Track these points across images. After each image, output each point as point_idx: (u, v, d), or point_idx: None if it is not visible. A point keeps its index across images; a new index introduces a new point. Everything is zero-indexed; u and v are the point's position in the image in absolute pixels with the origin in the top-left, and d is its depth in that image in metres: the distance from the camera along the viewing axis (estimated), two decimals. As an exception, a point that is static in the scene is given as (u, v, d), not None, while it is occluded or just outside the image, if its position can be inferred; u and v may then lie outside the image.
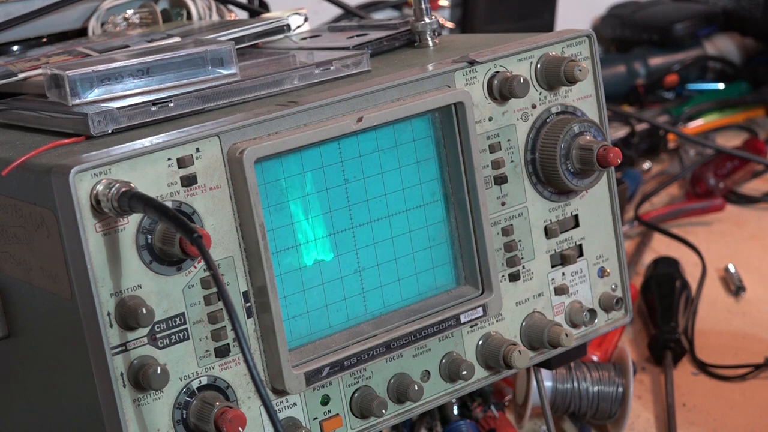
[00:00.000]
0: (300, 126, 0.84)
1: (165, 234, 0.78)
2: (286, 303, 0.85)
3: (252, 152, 0.81)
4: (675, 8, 1.95)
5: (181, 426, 0.81)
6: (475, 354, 0.94)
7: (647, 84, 1.84)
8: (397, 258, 0.90)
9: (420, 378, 0.91)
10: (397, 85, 0.88)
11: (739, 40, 1.92)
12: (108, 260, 0.77)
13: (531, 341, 0.95)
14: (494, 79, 0.92)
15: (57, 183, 0.76)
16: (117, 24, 1.17)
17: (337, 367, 0.86)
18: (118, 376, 0.78)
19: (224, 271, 0.82)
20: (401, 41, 1.02)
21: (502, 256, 0.93)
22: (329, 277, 0.87)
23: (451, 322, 0.91)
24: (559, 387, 1.12)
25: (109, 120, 0.83)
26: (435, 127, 0.91)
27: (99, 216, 0.77)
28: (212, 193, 0.81)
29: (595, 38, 0.96)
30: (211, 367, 0.82)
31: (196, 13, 1.20)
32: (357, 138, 0.87)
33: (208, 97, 0.87)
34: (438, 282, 0.92)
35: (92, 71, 0.86)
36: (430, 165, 0.91)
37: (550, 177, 0.94)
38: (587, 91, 0.97)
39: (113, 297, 0.78)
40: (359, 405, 0.88)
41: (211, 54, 0.89)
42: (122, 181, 0.76)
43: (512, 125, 0.93)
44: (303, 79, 0.91)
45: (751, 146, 1.69)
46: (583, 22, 2.02)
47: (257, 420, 0.84)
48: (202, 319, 0.81)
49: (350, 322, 0.88)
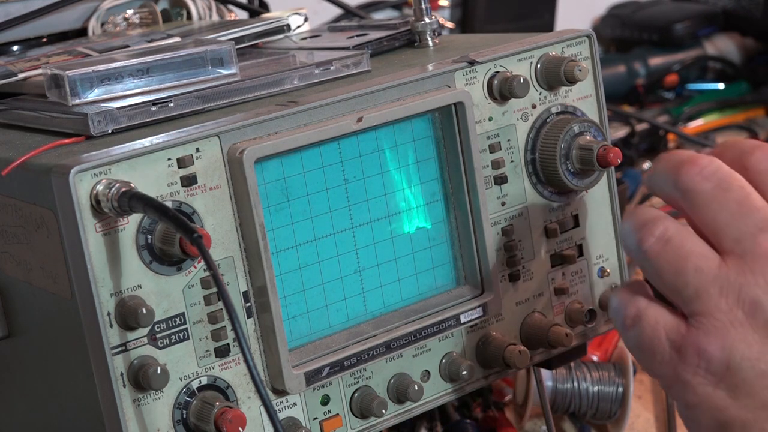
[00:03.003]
0: (300, 126, 0.84)
1: (165, 234, 0.78)
2: (286, 303, 0.85)
3: (252, 152, 0.81)
4: (675, 8, 1.95)
5: (181, 426, 0.81)
6: (475, 354, 0.94)
7: (647, 84, 1.84)
8: (397, 258, 0.90)
9: (420, 378, 0.91)
10: (397, 85, 0.88)
11: (739, 40, 1.92)
12: (108, 260, 0.77)
13: (531, 341, 0.95)
14: (494, 79, 0.92)
15: (57, 183, 0.76)
16: (117, 24, 1.17)
17: (337, 367, 0.86)
18: (118, 376, 0.78)
19: (224, 271, 0.82)
20: (401, 41, 1.02)
21: (502, 256, 0.93)
22: (329, 277, 0.87)
23: (451, 322, 0.91)
24: (559, 387, 1.12)
25: (109, 120, 0.83)
26: (435, 127, 0.91)
27: (99, 216, 0.77)
28: (212, 193, 0.81)
29: (595, 38, 0.96)
30: (211, 367, 0.82)
31: (196, 13, 1.20)
32: (357, 138, 0.87)
33: (208, 97, 0.87)
34: (438, 282, 0.92)
35: (92, 71, 0.86)
36: (430, 165, 0.91)
37: (550, 177, 0.94)
38: (587, 91, 0.97)
39: (113, 297, 0.78)
40: (359, 405, 0.88)
41: (211, 54, 0.89)
42: (122, 181, 0.76)
43: (512, 125, 0.93)
44: (303, 79, 0.91)
45: (751, 146, 1.69)
46: (583, 22, 2.02)
47: (257, 420, 0.84)
48: (202, 319, 0.81)
49: (350, 322, 0.88)
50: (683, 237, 0.75)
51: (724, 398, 0.74)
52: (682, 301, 0.74)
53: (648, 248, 0.75)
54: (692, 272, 0.74)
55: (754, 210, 0.73)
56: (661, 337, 0.75)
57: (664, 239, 0.75)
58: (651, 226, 0.75)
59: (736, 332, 0.73)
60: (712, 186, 0.74)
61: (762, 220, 0.73)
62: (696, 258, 0.74)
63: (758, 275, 0.72)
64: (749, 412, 0.73)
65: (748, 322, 0.73)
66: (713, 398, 0.74)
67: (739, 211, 0.73)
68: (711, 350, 0.73)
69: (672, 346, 0.75)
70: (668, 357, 0.75)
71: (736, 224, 0.73)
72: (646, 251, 0.75)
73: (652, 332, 0.75)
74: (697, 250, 0.74)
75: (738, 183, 0.74)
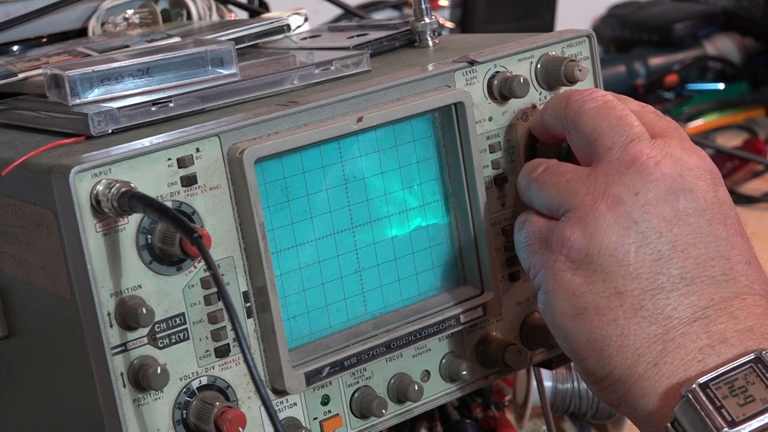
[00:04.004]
0: (300, 126, 0.84)
1: (165, 234, 0.78)
2: (286, 303, 0.85)
3: (252, 152, 0.81)
4: (675, 8, 1.95)
5: (181, 426, 0.81)
6: (475, 354, 0.94)
7: (647, 84, 1.84)
8: (397, 258, 0.90)
9: (420, 378, 0.91)
10: (397, 85, 0.88)
11: (739, 40, 1.92)
12: (108, 260, 0.77)
13: (531, 341, 0.95)
14: (494, 79, 0.92)
15: (57, 183, 0.76)
16: (117, 24, 1.17)
17: (337, 367, 0.86)
18: (118, 376, 0.78)
19: (224, 271, 0.82)
20: (401, 41, 1.02)
21: (502, 256, 0.93)
22: (329, 277, 0.87)
23: (451, 322, 0.91)
24: (559, 387, 1.12)
25: (109, 120, 0.83)
26: (435, 127, 0.91)
27: (99, 216, 0.77)
28: (212, 193, 0.81)
29: (595, 38, 0.96)
30: (211, 367, 0.82)
31: (196, 13, 1.20)
32: (357, 138, 0.87)
33: (208, 97, 0.87)
34: (438, 282, 0.92)
35: (92, 71, 0.86)
36: (430, 165, 0.91)
37: (550, 177, 0.94)
38: (587, 91, 0.96)
39: (113, 297, 0.78)
40: (359, 405, 0.88)
41: (211, 54, 0.89)
42: (122, 181, 0.76)
43: (512, 125, 0.93)
44: (303, 79, 0.91)
45: (751, 146, 1.69)
46: (583, 22, 2.02)
47: (257, 420, 0.84)
48: (202, 319, 0.81)
49: (350, 322, 0.88)
50: (560, 165, 0.86)
51: (581, 285, 0.81)
52: (555, 208, 0.84)
53: (534, 178, 0.86)
54: (564, 183, 0.84)
55: (630, 125, 0.83)
56: (536, 232, 0.85)
57: (545, 168, 0.86)
58: (537, 164, 0.87)
59: (597, 222, 0.81)
60: (599, 105, 0.85)
61: (635, 134, 0.83)
62: (570, 173, 0.84)
63: (623, 176, 0.81)
64: (603, 299, 0.80)
65: (609, 214, 0.81)
66: (571, 284, 0.82)
67: (617, 124, 0.83)
68: (573, 239, 0.81)
69: (541, 238, 0.84)
70: (537, 247, 0.84)
71: (611, 134, 0.83)
72: (533, 180, 0.86)
73: (531, 229, 0.85)
74: (570, 168, 0.85)
75: (620, 106, 0.85)
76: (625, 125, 0.83)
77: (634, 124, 0.83)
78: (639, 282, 0.80)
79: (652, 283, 0.80)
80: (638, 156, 0.81)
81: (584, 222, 0.81)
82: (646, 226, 0.80)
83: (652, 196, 0.81)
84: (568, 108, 0.86)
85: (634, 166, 0.81)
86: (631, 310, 0.80)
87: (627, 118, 0.84)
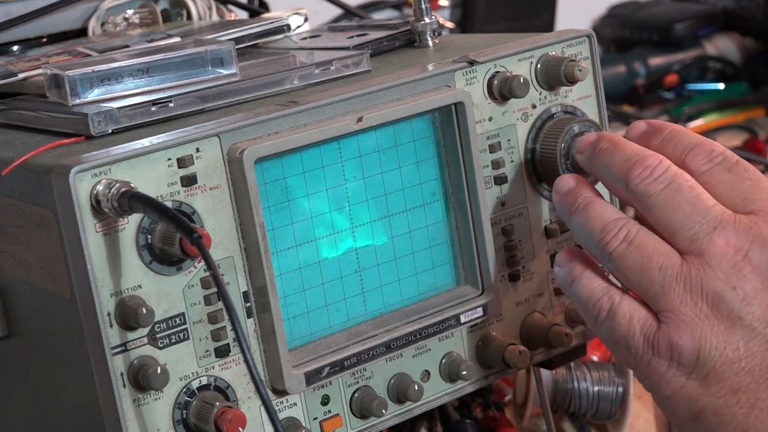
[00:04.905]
0: (300, 126, 0.84)
1: (165, 234, 0.78)
2: (286, 303, 0.85)
3: (252, 152, 0.81)
4: (675, 8, 1.95)
5: (181, 426, 0.81)
6: (475, 354, 0.94)
7: (647, 84, 1.84)
8: (397, 258, 0.90)
9: (420, 378, 0.91)
10: (397, 85, 0.88)
11: (739, 40, 1.92)
12: (108, 260, 0.77)
13: (531, 341, 0.95)
14: (494, 79, 0.92)
15: (57, 183, 0.76)
16: (117, 24, 1.17)
17: (337, 367, 0.86)
18: (118, 376, 0.78)
19: (224, 271, 0.82)
20: (401, 41, 1.02)
21: (502, 256, 0.93)
22: (329, 277, 0.87)
23: (451, 322, 0.90)
24: (559, 387, 1.12)
25: (109, 120, 0.83)
26: (435, 127, 0.91)
27: (99, 216, 0.77)
28: (212, 193, 0.81)
29: (595, 38, 0.96)
30: (211, 367, 0.82)
31: (196, 13, 1.20)
32: (357, 138, 0.87)
33: (208, 97, 0.87)
34: (438, 282, 0.92)
35: (92, 71, 0.86)
36: (430, 165, 0.91)
37: (550, 177, 0.94)
38: (587, 91, 0.97)
39: (113, 297, 0.78)
40: (359, 405, 0.88)
41: (211, 54, 0.89)
42: (122, 181, 0.76)
43: (512, 125, 0.93)
44: (303, 79, 0.91)
45: (751, 146, 1.69)
46: (583, 22, 2.02)
47: (257, 420, 0.84)
48: (202, 319, 0.81)
49: (350, 322, 0.88)
50: (644, 236, 0.80)
51: (696, 388, 0.78)
52: (649, 298, 0.79)
53: (613, 251, 0.80)
54: (656, 270, 0.79)
55: (705, 210, 0.78)
56: (636, 333, 0.80)
57: (627, 241, 0.80)
58: (613, 227, 0.81)
59: (703, 324, 0.78)
60: (663, 188, 0.79)
61: (714, 218, 0.78)
62: (659, 257, 0.79)
63: (717, 269, 0.77)
64: (719, 399, 0.78)
65: (712, 314, 0.78)
66: (686, 389, 0.78)
67: (692, 212, 0.78)
68: (682, 344, 0.78)
69: (646, 342, 0.79)
70: (642, 351, 0.79)
71: (690, 225, 0.78)
72: (611, 253, 0.80)
73: (627, 327, 0.80)
74: (659, 249, 0.79)
75: (687, 183, 0.79)
76: (700, 211, 0.78)
77: (708, 205, 0.79)
78: (752, 375, 0.78)
79: (765, 373, 0.78)
80: (725, 249, 0.77)
81: (690, 325, 0.78)
82: (750, 318, 0.77)
83: (750, 288, 0.77)
84: (630, 190, 0.81)
85: (725, 260, 0.77)
86: (748, 405, 0.78)
87: (698, 200, 0.79)
